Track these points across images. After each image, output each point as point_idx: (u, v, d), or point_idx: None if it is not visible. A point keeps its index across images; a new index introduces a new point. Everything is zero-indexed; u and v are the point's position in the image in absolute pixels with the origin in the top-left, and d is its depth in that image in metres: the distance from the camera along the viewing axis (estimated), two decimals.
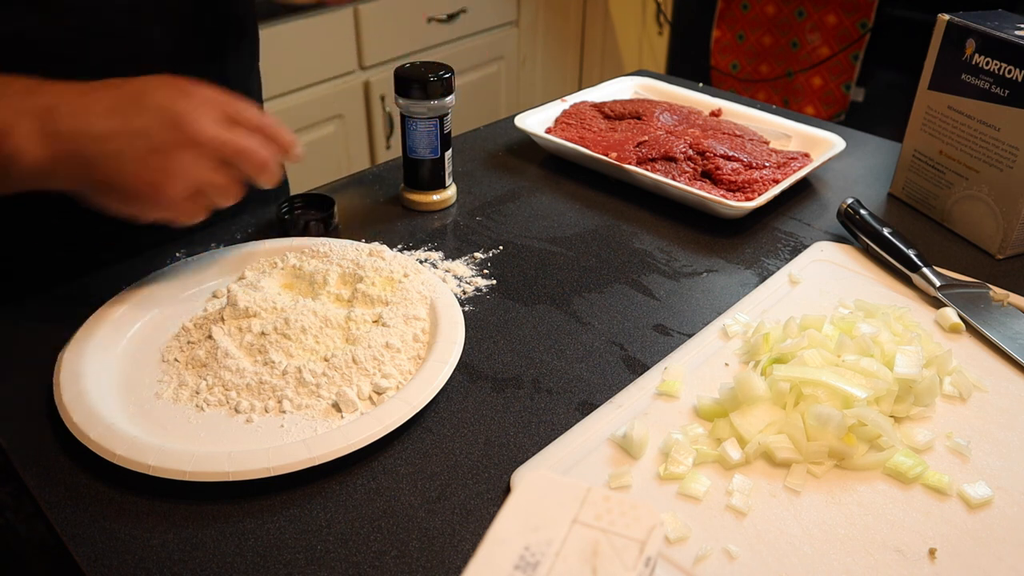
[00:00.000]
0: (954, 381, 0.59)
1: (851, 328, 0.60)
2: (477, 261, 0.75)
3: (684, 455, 0.53)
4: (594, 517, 0.33)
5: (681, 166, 0.84)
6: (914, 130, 0.83)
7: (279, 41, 1.71)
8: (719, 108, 1.00)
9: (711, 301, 0.70)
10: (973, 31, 0.75)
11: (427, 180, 0.82)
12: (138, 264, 0.72)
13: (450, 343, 0.60)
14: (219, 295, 0.68)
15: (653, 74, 1.10)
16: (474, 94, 2.26)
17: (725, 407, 0.56)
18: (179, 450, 0.51)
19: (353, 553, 0.48)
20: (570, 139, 0.90)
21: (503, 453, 0.55)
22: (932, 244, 0.79)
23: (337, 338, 0.62)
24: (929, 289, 0.69)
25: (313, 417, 0.56)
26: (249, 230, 0.78)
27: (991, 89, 0.74)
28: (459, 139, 0.97)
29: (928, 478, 0.52)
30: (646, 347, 0.65)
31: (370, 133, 2.02)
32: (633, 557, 0.32)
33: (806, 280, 0.71)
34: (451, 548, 0.48)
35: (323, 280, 0.66)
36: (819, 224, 0.82)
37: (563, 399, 0.59)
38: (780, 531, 0.49)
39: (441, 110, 0.78)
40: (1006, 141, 0.73)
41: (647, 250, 0.77)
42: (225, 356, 0.59)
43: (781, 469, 0.53)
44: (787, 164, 0.85)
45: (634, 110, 0.96)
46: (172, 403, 0.57)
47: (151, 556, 0.47)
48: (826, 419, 0.52)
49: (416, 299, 0.65)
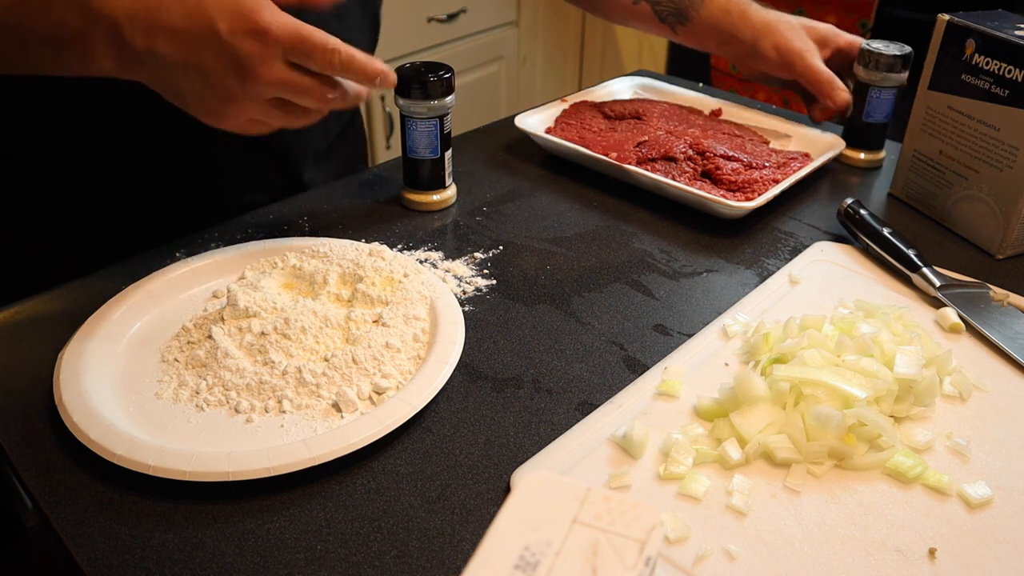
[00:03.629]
0: (954, 381, 0.59)
1: (851, 328, 0.60)
2: (477, 261, 0.75)
3: (684, 455, 0.53)
4: (594, 517, 0.33)
5: (681, 166, 0.84)
6: (914, 130, 0.83)
7: None
8: (719, 108, 1.00)
9: (711, 301, 0.70)
10: (973, 31, 0.75)
11: (427, 180, 0.82)
12: (138, 264, 0.72)
13: (450, 343, 0.60)
14: (219, 295, 0.68)
15: (653, 74, 1.10)
16: (474, 94, 2.26)
17: (725, 407, 0.56)
18: (179, 450, 0.51)
19: (353, 553, 0.48)
20: (570, 139, 0.90)
21: (503, 453, 0.55)
22: (932, 244, 0.79)
23: (337, 338, 0.62)
24: (929, 289, 0.69)
25: (313, 417, 0.56)
26: (249, 230, 0.78)
27: (991, 89, 0.74)
28: (459, 139, 0.97)
29: (928, 478, 0.52)
30: (646, 347, 0.65)
31: (370, 133, 2.02)
32: (633, 557, 0.32)
33: (806, 280, 0.71)
34: (451, 548, 0.48)
35: (323, 280, 0.66)
36: (819, 224, 0.82)
37: (563, 399, 0.59)
38: (780, 531, 0.49)
39: (441, 110, 0.78)
40: (1006, 141, 0.73)
41: (647, 250, 0.77)
42: (225, 356, 0.59)
43: (781, 469, 0.53)
44: (787, 164, 0.85)
45: (634, 110, 0.96)
46: (172, 403, 0.57)
47: (151, 556, 0.47)
48: (826, 419, 0.52)
49: (416, 299, 0.65)
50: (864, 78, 0.89)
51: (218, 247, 0.73)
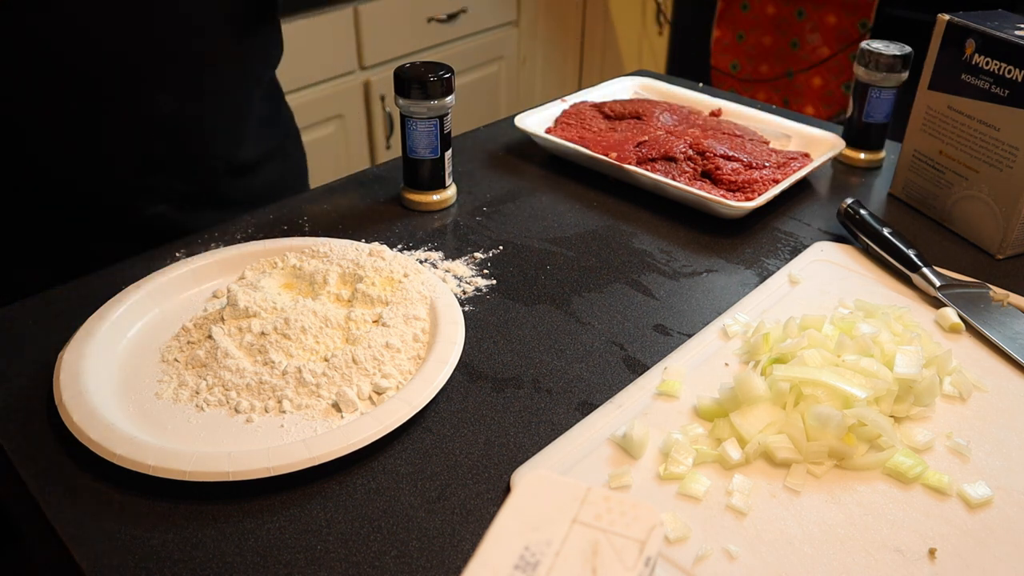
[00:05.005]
0: (954, 381, 0.59)
1: (851, 328, 0.60)
2: (477, 261, 0.75)
3: (684, 455, 0.53)
4: (594, 517, 0.33)
5: (681, 166, 0.84)
6: (914, 130, 0.83)
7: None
8: (719, 108, 1.00)
9: (711, 301, 0.70)
10: (973, 31, 0.75)
11: (427, 180, 0.82)
12: (138, 264, 0.72)
13: (450, 343, 0.60)
14: (219, 295, 0.68)
15: (653, 74, 1.10)
16: (474, 94, 2.26)
17: (725, 407, 0.56)
18: (179, 450, 0.51)
19: (353, 553, 0.48)
20: (570, 139, 0.90)
21: (503, 453, 0.55)
22: (932, 244, 0.79)
23: (337, 338, 0.62)
24: (929, 289, 0.69)
25: (313, 417, 0.56)
26: (249, 230, 0.78)
27: (991, 89, 0.74)
28: (459, 139, 0.97)
29: (928, 478, 0.52)
30: (646, 347, 0.65)
31: (370, 133, 2.02)
32: (633, 557, 0.32)
33: (806, 280, 0.71)
34: (451, 548, 0.48)
35: (323, 280, 0.66)
36: (819, 224, 0.82)
37: (563, 399, 0.59)
38: (780, 531, 0.49)
39: (441, 110, 0.78)
40: (1006, 141, 0.73)
41: (647, 250, 0.77)
42: (225, 356, 0.59)
43: (781, 469, 0.53)
44: (787, 164, 0.85)
45: (634, 110, 0.96)
46: (172, 403, 0.57)
47: (151, 556, 0.47)
48: (826, 419, 0.52)
49: (416, 299, 0.65)
50: (864, 78, 0.89)
51: (218, 247, 0.73)
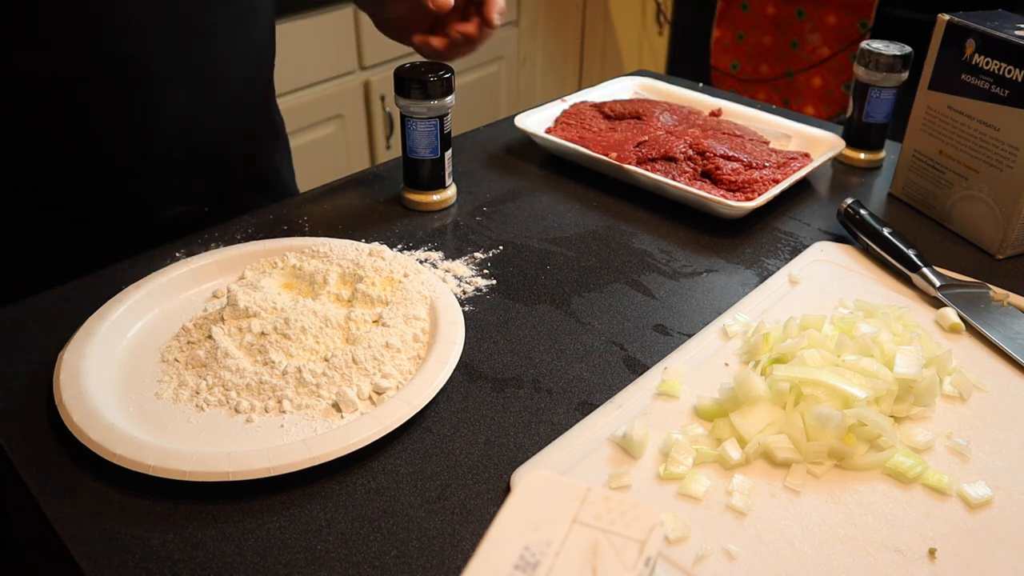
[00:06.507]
0: (954, 381, 0.59)
1: (851, 328, 0.60)
2: (477, 261, 0.75)
3: (684, 455, 0.53)
4: (594, 517, 0.33)
5: (681, 166, 0.84)
6: (914, 130, 0.83)
7: (279, 41, 1.70)
8: (719, 108, 1.00)
9: (711, 301, 0.70)
10: (973, 31, 0.75)
11: (427, 180, 0.82)
12: (138, 264, 0.72)
13: (450, 343, 0.60)
14: (219, 295, 0.68)
15: (653, 74, 1.10)
16: (474, 94, 2.26)
17: (725, 407, 0.56)
18: (179, 450, 0.51)
19: (353, 553, 0.48)
20: (570, 139, 0.90)
21: (503, 453, 0.55)
22: (932, 244, 0.79)
23: (337, 338, 0.62)
24: (929, 289, 0.69)
25: (313, 417, 0.56)
26: (249, 230, 0.78)
27: (991, 89, 0.74)
28: (459, 139, 0.97)
29: (928, 478, 0.52)
30: (646, 347, 0.65)
31: (370, 133, 2.03)
32: (633, 557, 0.32)
33: (806, 280, 0.71)
34: (451, 548, 0.48)
35: (323, 280, 0.66)
36: (819, 224, 0.82)
37: (563, 399, 0.59)
38: (780, 531, 0.49)
39: (441, 110, 0.78)
40: (1006, 141, 0.73)
41: (647, 250, 0.77)
42: (225, 356, 0.59)
43: (781, 469, 0.53)
44: (787, 164, 0.85)
45: (634, 110, 0.96)
46: (172, 403, 0.57)
47: (151, 556, 0.47)
48: (826, 419, 0.52)
49: (416, 299, 0.65)
50: (864, 78, 0.89)
51: (218, 247, 0.73)
